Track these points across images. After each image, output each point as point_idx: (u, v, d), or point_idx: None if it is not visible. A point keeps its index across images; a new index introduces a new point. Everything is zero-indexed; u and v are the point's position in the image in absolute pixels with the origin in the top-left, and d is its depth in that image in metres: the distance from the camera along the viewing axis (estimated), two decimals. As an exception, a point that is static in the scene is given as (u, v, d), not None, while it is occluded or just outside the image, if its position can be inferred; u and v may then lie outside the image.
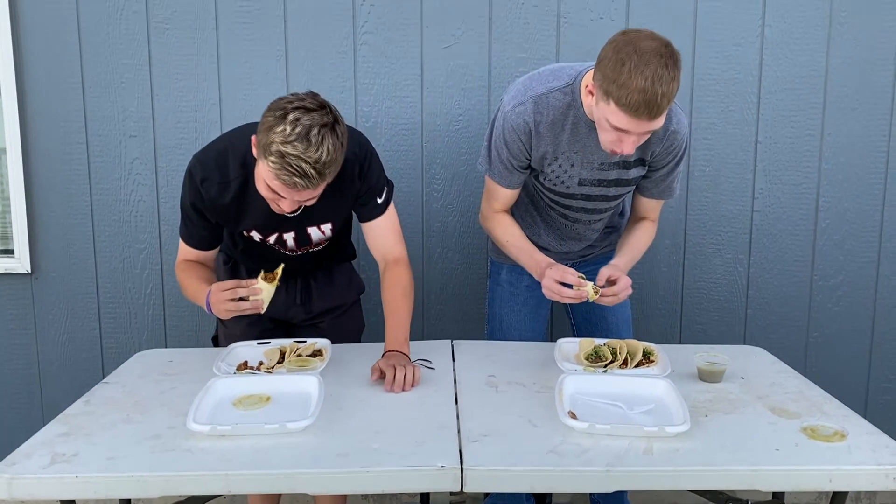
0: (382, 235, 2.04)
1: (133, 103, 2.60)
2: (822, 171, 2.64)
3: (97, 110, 2.60)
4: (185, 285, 2.01)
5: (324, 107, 1.71)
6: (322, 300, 2.20)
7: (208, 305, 1.88)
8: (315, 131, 1.66)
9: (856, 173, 2.64)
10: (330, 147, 1.67)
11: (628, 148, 1.81)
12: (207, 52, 2.56)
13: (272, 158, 1.67)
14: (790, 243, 2.69)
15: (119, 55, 2.57)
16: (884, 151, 2.63)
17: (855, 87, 2.59)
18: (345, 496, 2.32)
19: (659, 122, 1.76)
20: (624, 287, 1.94)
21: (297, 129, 1.65)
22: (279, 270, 1.87)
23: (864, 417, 1.70)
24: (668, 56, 1.69)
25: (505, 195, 2.10)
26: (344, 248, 2.21)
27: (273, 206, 1.83)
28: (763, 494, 1.74)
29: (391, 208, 2.04)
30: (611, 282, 1.94)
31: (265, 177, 1.74)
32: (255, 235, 2.01)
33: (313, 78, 2.57)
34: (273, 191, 1.75)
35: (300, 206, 1.87)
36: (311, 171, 1.67)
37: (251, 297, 1.82)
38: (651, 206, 2.15)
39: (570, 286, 1.90)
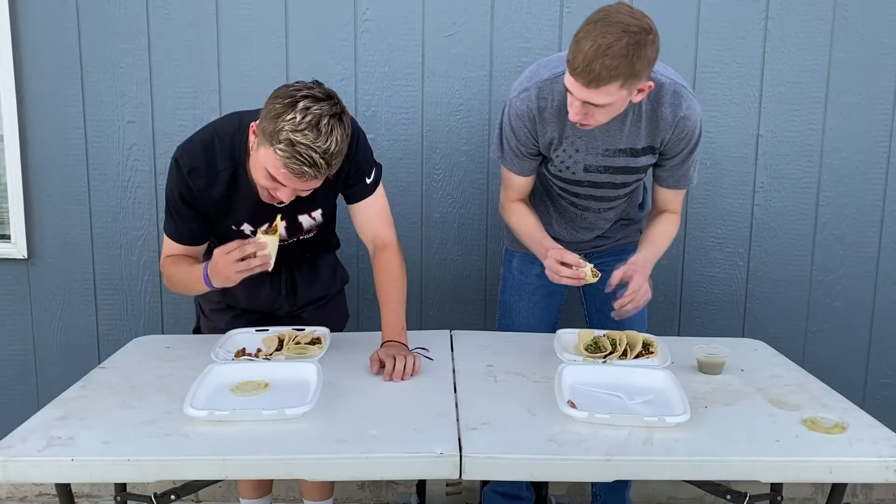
0: (370, 217, 2.02)
1: (132, 89, 2.58)
2: (823, 165, 2.63)
3: (95, 95, 2.58)
4: (174, 273, 1.93)
5: (331, 97, 1.70)
6: (307, 291, 2.18)
7: (207, 279, 1.81)
8: (325, 121, 1.65)
9: (857, 168, 2.63)
10: (339, 137, 1.67)
11: (573, 113, 1.79)
12: (207, 38, 2.55)
13: (281, 146, 1.65)
14: (790, 238, 2.69)
15: (118, 40, 2.55)
16: (885, 147, 2.62)
17: (857, 81, 2.58)
18: (332, 485, 2.31)
19: (598, 96, 1.72)
20: (636, 287, 1.89)
21: (308, 118, 1.64)
22: (278, 222, 1.82)
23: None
24: (632, 34, 1.67)
25: (518, 183, 2.09)
26: (328, 238, 2.20)
27: (265, 195, 1.80)
28: (762, 486, 1.74)
29: (380, 190, 2.02)
30: (626, 277, 1.92)
31: (269, 164, 1.71)
32: (247, 228, 1.98)
33: (314, 65, 2.56)
34: (274, 179, 1.72)
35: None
36: (321, 160, 1.66)
37: (258, 253, 1.74)
38: (670, 197, 2.12)
39: (571, 267, 1.89)
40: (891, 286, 2.70)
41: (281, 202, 1.86)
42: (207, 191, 1.88)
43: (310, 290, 2.19)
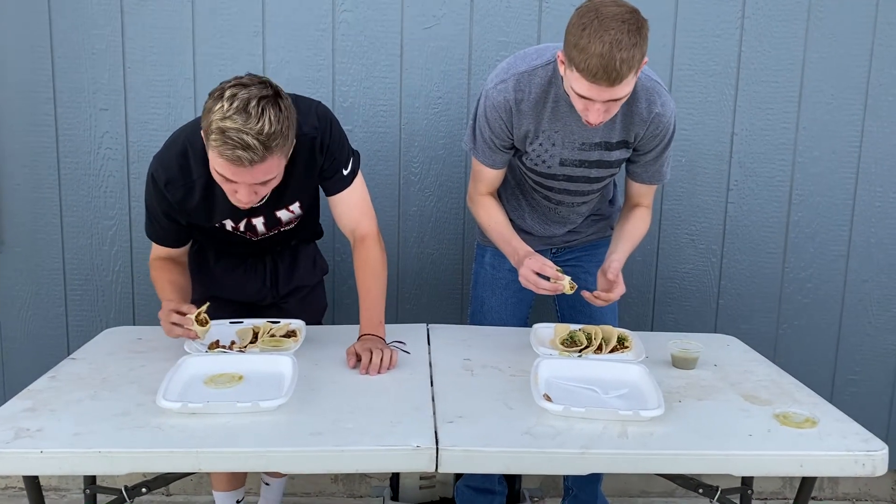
0: (350, 209, 2.00)
1: (104, 75, 2.53)
2: (795, 164, 2.67)
3: (67, 81, 2.52)
4: (157, 288, 1.99)
5: (263, 82, 1.68)
6: (288, 281, 2.18)
7: None
8: (254, 103, 1.62)
9: (829, 167, 2.67)
10: (272, 117, 1.63)
11: (594, 117, 1.80)
12: (182, 24, 2.51)
13: (213, 137, 1.63)
14: (763, 235, 2.72)
15: (90, 24, 2.50)
16: (856, 146, 2.66)
17: (830, 81, 2.61)
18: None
19: (621, 90, 1.74)
20: (618, 296, 1.96)
21: (235, 104, 1.62)
22: (209, 323, 1.84)
23: (832, 408, 1.72)
24: (630, 22, 1.69)
25: (489, 176, 2.09)
26: (311, 227, 2.18)
27: (232, 199, 1.78)
28: (733, 480, 1.77)
29: (358, 180, 2.00)
30: (611, 281, 1.96)
31: (214, 163, 1.70)
32: (228, 224, 1.98)
33: (290, 56, 2.53)
34: (225, 178, 1.71)
35: (262, 199, 1.84)
36: (254, 141, 1.61)
37: (185, 326, 1.80)
38: (643, 192, 2.14)
39: (547, 278, 1.90)
40: (860, 284, 2.75)
41: (255, 205, 1.85)
42: (185, 200, 1.88)
43: (290, 279, 2.19)
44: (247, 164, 1.65)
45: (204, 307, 1.85)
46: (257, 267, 2.15)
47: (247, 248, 2.08)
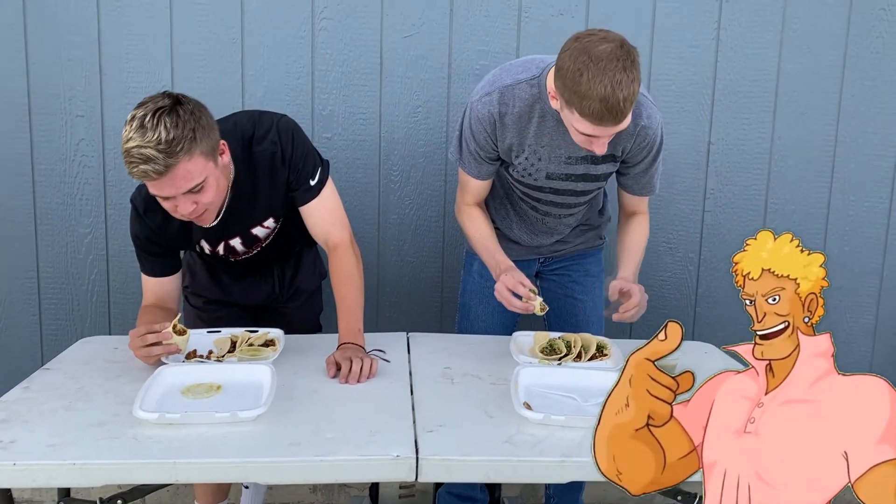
0: (320, 219, 2.00)
1: (80, 82, 2.50)
2: (771, 173, 2.70)
3: (42, 88, 2.49)
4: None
5: (164, 95, 1.70)
6: (290, 286, 2.22)
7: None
8: (148, 118, 1.64)
9: (803, 177, 2.71)
10: (168, 125, 1.63)
11: (600, 149, 1.83)
12: (160, 32, 2.49)
13: (124, 161, 1.65)
14: (739, 243, 2.72)
15: (66, 31, 2.47)
16: (830, 156, 2.70)
17: (804, 92, 2.65)
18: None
19: (626, 123, 1.78)
20: (639, 300, 1.96)
21: (133, 124, 1.64)
22: (179, 324, 1.82)
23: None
24: (623, 58, 1.69)
25: (475, 186, 2.10)
26: (305, 233, 2.18)
27: (175, 215, 1.78)
28: (712, 486, 1.77)
29: (328, 189, 1.99)
30: (623, 293, 1.96)
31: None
32: (206, 247, 1.99)
33: (269, 63, 2.52)
34: (160, 197, 1.72)
35: (211, 208, 1.80)
36: (153, 152, 1.62)
37: (164, 342, 1.77)
38: (636, 201, 2.16)
39: (520, 297, 1.91)
40: (833, 292, 2.76)
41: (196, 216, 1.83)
42: (166, 224, 1.90)
43: (293, 284, 2.22)
44: (155, 176, 1.65)
45: (177, 318, 1.83)
46: (265, 274, 2.17)
47: (251, 259, 2.09)
